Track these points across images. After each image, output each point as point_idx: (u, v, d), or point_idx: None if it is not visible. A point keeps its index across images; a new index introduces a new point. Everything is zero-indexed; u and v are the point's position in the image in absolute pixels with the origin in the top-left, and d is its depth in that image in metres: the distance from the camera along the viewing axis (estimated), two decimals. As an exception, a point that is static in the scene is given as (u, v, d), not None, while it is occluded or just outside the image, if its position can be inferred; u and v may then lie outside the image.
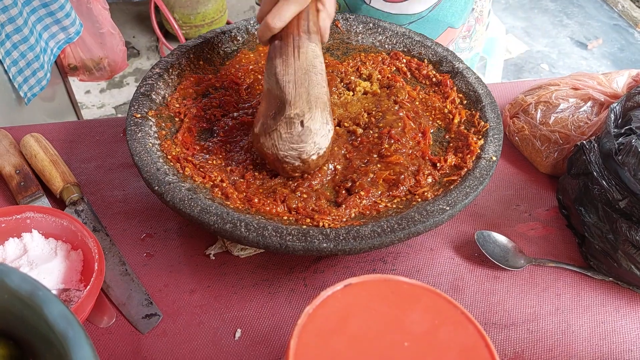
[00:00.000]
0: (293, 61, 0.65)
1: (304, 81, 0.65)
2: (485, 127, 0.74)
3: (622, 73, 0.85)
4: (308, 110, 0.65)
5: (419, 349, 0.37)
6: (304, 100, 0.65)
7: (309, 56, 0.65)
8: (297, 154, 0.66)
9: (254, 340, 0.63)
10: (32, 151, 0.75)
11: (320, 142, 0.67)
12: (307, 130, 0.65)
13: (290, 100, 0.65)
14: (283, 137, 0.65)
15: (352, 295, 0.40)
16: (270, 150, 0.67)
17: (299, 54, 0.65)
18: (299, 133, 0.65)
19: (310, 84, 0.65)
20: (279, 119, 0.65)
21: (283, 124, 0.65)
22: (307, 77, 0.65)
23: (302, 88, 0.65)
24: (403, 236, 0.60)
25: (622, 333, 0.67)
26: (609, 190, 0.66)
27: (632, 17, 3.45)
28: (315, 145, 0.66)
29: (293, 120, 0.65)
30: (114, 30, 1.51)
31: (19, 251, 0.63)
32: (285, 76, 0.65)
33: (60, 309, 0.36)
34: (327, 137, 0.68)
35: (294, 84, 0.65)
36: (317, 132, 0.66)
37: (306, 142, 0.66)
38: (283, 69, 0.65)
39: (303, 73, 0.65)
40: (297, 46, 0.65)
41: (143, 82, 0.75)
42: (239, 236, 0.59)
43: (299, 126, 0.65)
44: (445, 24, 1.02)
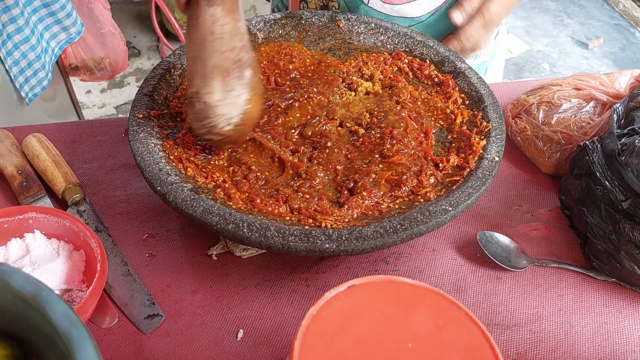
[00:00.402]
0: (193, 34, 0.64)
1: (200, 54, 0.65)
2: (487, 127, 0.74)
3: (625, 73, 0.85)
4: (204, 85, 0.65)
5: (423, 350, 0.37)
6: (200, 75, 0.65)
7: (207, 24, 0.63)
8: (207, 130, 0.66)
9: (257, 340, 0.63)
10: (34, 151, 0.75)
11: (228, 112, 0.66)
12: (206, 106, 0.65)
13: (189, 79, 0.66)
14: (191, 118, 0.68)
15: (355, 296, 0.40)
16: (194, 132, 0.69)
17: (196, 24, 0.64)
18: (200, 110, 0.65)
19: (207, 55, 0.64)
20: (187, 98, 0.67)
21: (188, 106, 0.67)
22: (203, 48, 0.64)
23: (199, 63, 0.65)
24: (405, 237, 0.60)
25: (625, 334, 0.67)
26: (611, 191, 0.66)
27: (633, 16, 3.45)
28: (221, 117, 0.66)
29: (192, 100, 0.66)
30: (115, 30, 1.51)
31: (22, 251, 0.63)
32: (188, 52, 0.66)
33: (63, 310, 0.36)
34: (235, 104, 0.66)
35: (192, 60, 0.66)
36: (218, 105, 0.65)
37: (210, 117, 0.65)
38: (187, 46, 0.66)
39: (200, 45, 0.64)
40: (195, 16, 0.64)
41: (145, 82, 0.75)
42: (241, 237, 0.59)
43: (198, 104, 0.65)
44: (447, 30, 1.02)
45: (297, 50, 0.87)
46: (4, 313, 0.40)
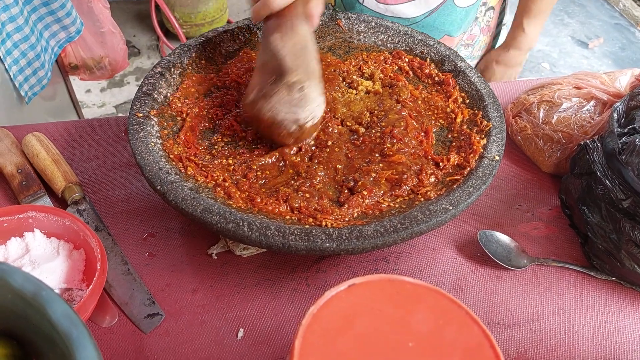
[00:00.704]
0: (290, 37, 0.68)
1: (301, 54, 0.69)
2: (487, 126, 0.74)
3: (625, 72, 0.85)
4: (307, 79, 0.68)
5: (424, 349, 0.37)
6: (302, 69, 0.68)
7: (304, 35, 0.69)
8: (294, 118, 0.69)
9: (257, 340, 0.63)
10: (34, 150, 0.75)
11: (315, 111, 0.70)
12: (305, 96, 0.68)
13: (290, 68, 0.68)
14: (284, 100, 0.68)
15: (356, 295, 0.40)
16: (269, 114, 0.69)
17: (295, 31, 0.69)
18: (299, 98, 0.68)
19: (309, 57, 0.70)
20: (280, 84, 0.68)
21: (284, 88, 0.68)
22: (304, 51, 0.69)
23: (300, 59, 0.68)
24: (406, 236, 0.60)
25: (625, 333, 0.67)
26: (612, 190, 0.66)
27: (633, 16, 3.45)
28: (311, 112, 0.70)
29: (294, 84, 0.68)
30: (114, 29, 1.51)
31: (21, 250, 0.63)
32: (284, 48, 0.68)
33: (63, 309, 0.36)
34: (320, 108, 0.71)
35: (293, 55, 0.68)
36: (314, 100, 0.69)
37: (304, 107, 0.69)
38: (281, 42, 0.68)
39: (300, 48, 0.69)
40: (293, 26, 0.69)
41: (145, 81, 0.75)
42: (241, 236, 0.59)
43: (299, 92, 0.68)
44: (442, 31, 1.02)
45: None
46: (4, 312, 0.39)
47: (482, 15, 1.09)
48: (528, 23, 1.10)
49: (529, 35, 1.12)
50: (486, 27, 1.12)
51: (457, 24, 1.01)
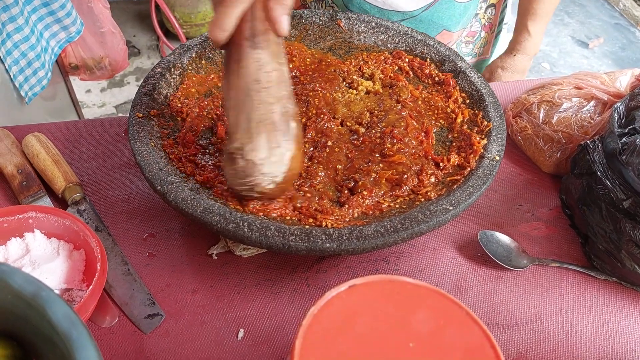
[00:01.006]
0: (234, 80, 0.58)
1: (244, 105, 0.58)
2: (488, 126, 0.74)
3: (625, 72, 0.85)
4: (248, 141, 0.59)
5: (425, 349, 0.37)
6: (244, 129, 0.59)
7: (251, 70, 0.57)
8: (249, 188, 0.61)
9: (257, 340, 0.63)
10: (34, 151, 0.75)
11: (272, 170, 0.60)
12: (250, 164, 0.59)
13: (231, 131, 0.60)
14: (230, 174, 0.61)
15: (356, 295, 0.40)
16: (232, 189, 0.63)
17: (238, 69, 0.57)
18: (242, 168, 0.59)
19: (252, 107, 0.58)
20: (224, 154, 0.62)
21: (227, 160, 0.61)
22: (247, 99, 0.58)
23: (242, 115, 0.59)
24: (406, 236, 0.60)
25: (626, 333, 0.67)
26: (612, 190, 0.66)
27: (633, 16, 3.45)
28: (264, 175, 0.60)
29: (234, 155, 0.60)
30: (114, 29, 1.51)
31: (21, 251, 0.63)
32: (227, 101, 0.60)
33: (64, 310, 0.36)
34: (281, 162, 0.60)
35: (235, 110, 0.59)
36: (263, 163, 0.59)
37: (253, 176, 0.60)
38: (226, 92, 0.60)
39: (244, 95, 0.58)
40: (237, 60, 0.57)
41: (145, 81, 0.75)
42: (241, 236, 0.59)
43: (241, 161, 0.59)
44: (441, 26, 1.02)
45: (297, 49, 0.87)
46: (3, 313, 0.39)
47: (483, 12, 1.09)
48: (533, 25, 1.10)
49: (534, 38, 1.11)
50: (487, 24, 1.12)
51: (455, 19, 1.01)
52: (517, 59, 1.14)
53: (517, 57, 1.14)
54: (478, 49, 1.16)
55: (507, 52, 1.17)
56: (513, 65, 1.15)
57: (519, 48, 1.13)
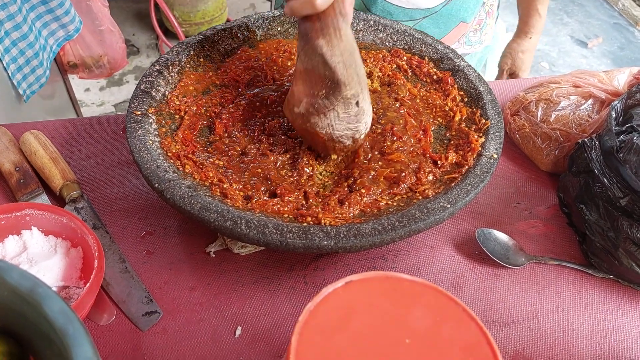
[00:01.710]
0: (337, 42, 0.64)
1: (352, 62, 0.65)
2: (486, 124, 0.74)
3: (623, 71, 0.85)
4: (361, 91, 0.67)
5: (421, 346, 0.37)
6: (355, 80, 0.65)
7: (350, 39, 0.65)
8: (351, 134, 0.68)
9: (254, 337, 0.63)
10: (31, 148, 0.75)
11: (368, 121, 0.70)
12: (361, 110, 0.67)
13: (345, 80, 0.65)
14: (341, 117, 0.67)
15: (353, 292, 0.40)
16: (325, 130, 0.68)
17: (340, 35, 0.63)
18: (355, 113, 0.67)
19: (357, 64, 0.66)
20: (335, 100, 0.66)
21: (341, 104, 0.66)
22: (353, 58, 0.65)
23: (352, 69, 0.65)
24: (404, 234, 0.60)
25: (623, 331, 0.67)
26: (610, 188, 0.66)
27: (632, 15, 3.45)
28: (365, 124, 0.69)
29: (350, 100, 0.66)
30: (113, 27, 1.51)
31: (19, 248, 0.63)
32: (334, 57, 0.64)
33: (60, 306, 0.36)
34: (371, 115, 0.71)
35: (343, 64, 0.64)
36: (367, 112, 0.69)
37: (360, 122, 0.68)
38: (329, 49, 0.64)
39: (349, 55, 0.65)
40: (337, 28, 0.63)
41: (143, 79, 0.75)
42: (239, 234, 0.59)
43: (355, 106, 0.66)
44: (458, 18, 1.03)
45: (295, 47, 0.87)
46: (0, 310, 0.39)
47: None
48: (542, 7, 1.19)
49: (543, 18, 1.21)
50: (490, 10, 1.13)
51: (471, 10, 1.03)
52: (533, 39, 1.24)
53: (533, 37, 1.23)
54: (485, 36, 1.17)
55: (520, 35, 1.25)
56: (531, 46, 1.24)
57: (532, 30, 1.22)
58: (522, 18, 1.24)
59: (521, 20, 1.24)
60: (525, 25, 1.23)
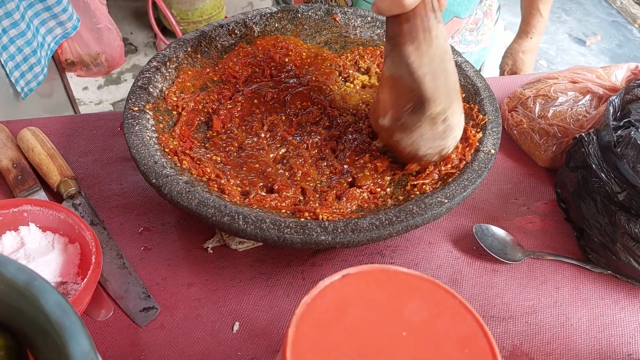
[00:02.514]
0: (426, 48, 0.60)
1: (441, 72, 0.61)
2: (483, 120, 0.74)
3: (621, 66, 0.85)
4: (449, 106, 0.62)
5: (418, 338, 0.37)
6: (444, 94, 0.62)
7: (441, 40, 0.60)
8: (438, 151, 0.65)
9: (252, 333, 0.63)
10: (29, 145, 0.75)
11: (458, 135, 0.66)
12: (449, 127, 0.64)
13: (431, 96, 0.61)
14: (426, 136, 0.64)
15: (349, 285, 0.40)
16: (409, 149, 0.65)
17: (430, 38, 0.59)
18: (442, 130, 0.63)
19: (446, 73, 0.62)
20: (421, 117, 0.62)
21: (426, 123, 0.63)
22: (443, 66, 0.61)
23: (440, 80, 0.61)
24: (401, 229, 0.60)
25: (621, 326, 0.67)
26: (607, 183, 0.66)
27: (630, 13, 3.45)
28: (454, 139, 0.66)
29: (436, 119, 0.62)
30: (111, 25, 1.51)
31: (16, 244, 0.62)
32: (421, 68, 0.60)
33: (56, 299, 0.36)
34: (462, 127, 0.67)
35: (431, 75, 0.60)
36: (456, 126, 0.65)
37: (448, 138, 0.64)
38: (417, 58, 0.60)
39: (439, 62, 0.61)
40: (427, 29, 0.59)
41: (140, 75, 0.75)
42: (237, 229, 0.58)
43: (442, 123, 0.63)
44: (452, 13, 1.03)
45: (293, 44, 0.87)
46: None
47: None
48: (544, 7, 1.18)
49: (545, 18, 1.20)
50: (489, 11, 1.13)
51: (465, 5, 1.03)
52: (534, 40, 1.23)
53: (534, 38, 1.23)
54: (481, 36, 1.17)
55: (521, 36, 1.25)
56: (532, 47, 1.24)
57: (534, 31, 1.22)
58: (524, 18, 1.23)
59: (523, 20, 1.24)
60: (526, 26, 1.23)
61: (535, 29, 1.22)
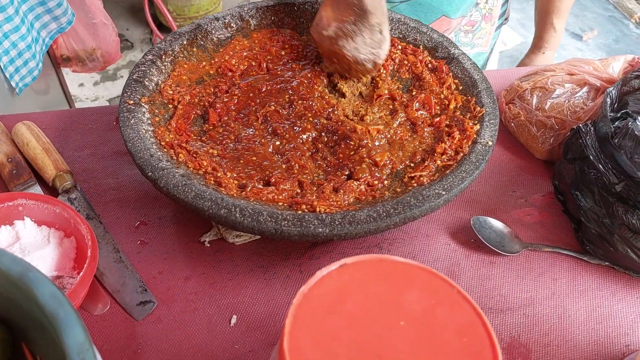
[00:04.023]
0: None
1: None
2: (481, 112, 0.73)
3: (618, 58, 0.85)
4: (384, 21, 0.74)
5: (416, 328, 0.37)
6: (381, 11, 0.73)
7: None
8: (373, 58, 0.76)
9: (250, 326, 0.63)
10: (24, 139, 0.75)
11: (386, 48, 0.77)
12: (384, 38, 0.75)
13: (372, 10, 0.72)
14: (367, 42, 0.74)
15: (347, 275, 0.40)
16: (352, 53, 0.75)
17: None
18: (378, 40, 0.75)
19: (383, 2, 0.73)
20: (362, 26, 0.74)
21: (367, 31, 0.74)
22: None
23: (377, 1, 0.72)
24: (399, 221, 0.59)
25: (619, 317, 0.67)
26: (605, 174, 0.66)
27: (627, 8, 3.45)
28: (385, 51, 0.77)
29: (374, 28, 0.73)
30: (106, 20, 1.49)
31: (11, 239, 0.62)
32: None
33: (50, 290, 0.36)
34: (389, 44, 0.78)
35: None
36: (388, 39, 0.76)
37: (382, 48, 0.76)
38: None
39: None
40: None
41: (135, 68, 0.74)
42: (233, 222, 0.58)
43: (379, 34, 0.74)
44: (440, 11, 1.02)
45: (289, 37, 0.87)
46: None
47: (484, 2, 1.09)
48: (558, 22, 1.15)
49: (559, 33, 1.17)
50: (488, 15, 1.12)
51: (455, 5, 1.02)
52: (547, 55, 1.20)
53: (547, 53, 1.19)
54: (478, 40, 1.16)
55: (534, 50, 1.21)
56: (545, 61, 1.20)
57: (546, 45, 1.19)
58: (537, 32, 1.20)
59: (536, 34, 1.21)
60: (539, 40, 1.20)
61: (548, 44, 1.18)
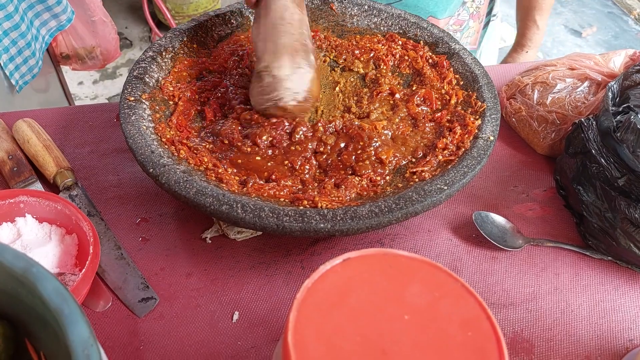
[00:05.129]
0: (263, 21, 0.70)
1: (271, 35, 0.69)
2: (482, 107, 0.73)
3: (619, 53, 0.84)
4: (275, 60, 0.69)
5: (420, 321, 0.37)
6: (271, 52, 0.69)
7: (278, 11, 0.69)
8: (273, 103, 0.70)
9: (252, 322, 0.62)
10: (24, 136, 0.74)
11: (294, 87, 0.69)
12: (275, 79, 0.69)
13: (259, 57, 0.70)
14: (257, 91, 0.71)
15: (350, 269, 0.39)
16: (256, 107, 0.72)
17: (267, 12, 0.69)
18: (269, 83, 0.69)
19: (277, 35, 0.69)
20: (252, 76, 0.72)
21: (255, 80, 0.71)
22: (274, 30, 0.69)
23: (270, 42, 0.69)
24: (401, 216, 0.59)
25: (621, 311, 0.67)
26: (607, 168, 0.66)
27: (626, 4, 3.45)
28: (288, 90, 0.69)
29: (261, 73, 0.70)
30: (106, 18, 1.49)
31: (13, 236, 0.62)
32: (256, 37, 0.71)
33: (54, 285, 0.35)
34: (302, 80, 0.70)
35: (263, 41, 0.70)
36: (287, 78, 0.69)
37: (278, 90, 0.69)
38: (255, 31, 0.71)
39: (271, 28, 0.69)
40: (265, 6, 0.70)
41: (136, 65, 0.74)
42: (235, 218, 0.58)
43: (268, 77, 0.69)
44: (426, 12, 1.02)
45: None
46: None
47: (471, 1, 1.08)
48: (541, 19, 1.14)
49: (542, 30, 1.16)
50: (476, 13, 1.11)
51: (442, 5, 1.01)
52: (530, 53, 1.19)
53: (530, 52, 1.18)
54: (466, 39, 1.15)
55: (516, 49, 1.20)
56: (527, 60, 1.19)
57: (530, 44, 1.17)
58: (519, 30, 1.19)
59: (518, 32, 1.19)
60: (522, 38, 1.18)
61: (531, 41, 1.17)
